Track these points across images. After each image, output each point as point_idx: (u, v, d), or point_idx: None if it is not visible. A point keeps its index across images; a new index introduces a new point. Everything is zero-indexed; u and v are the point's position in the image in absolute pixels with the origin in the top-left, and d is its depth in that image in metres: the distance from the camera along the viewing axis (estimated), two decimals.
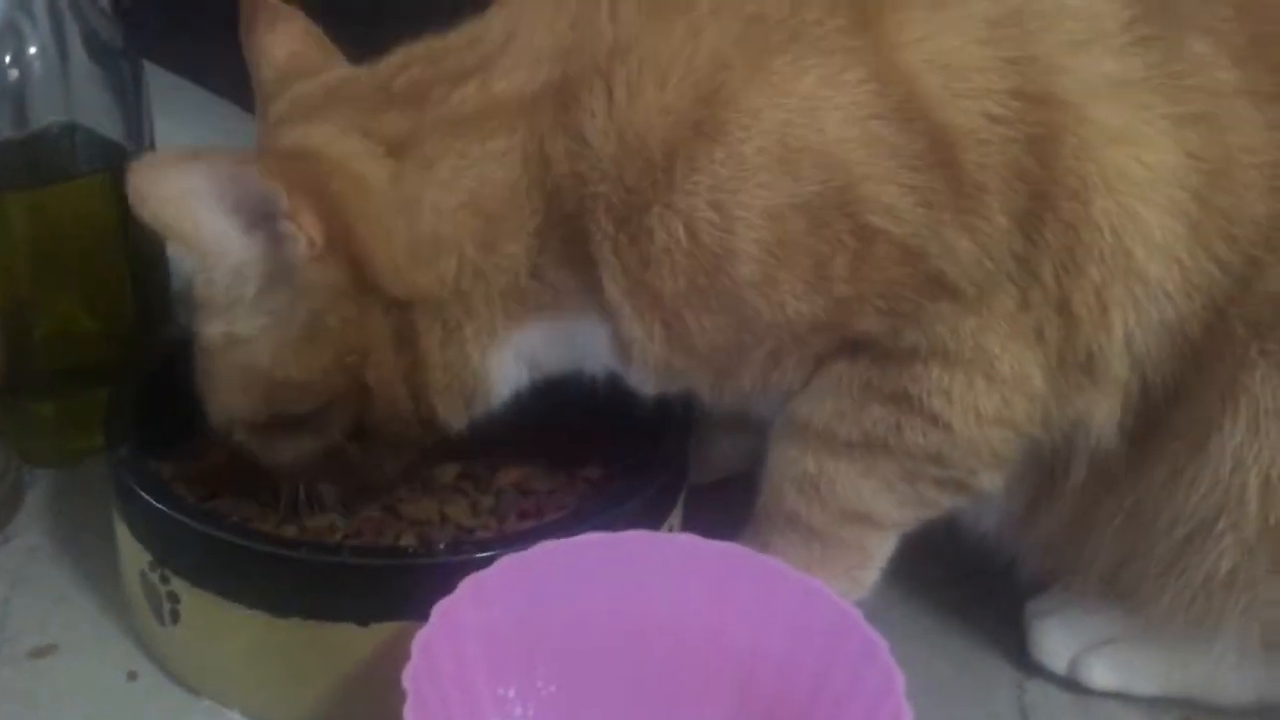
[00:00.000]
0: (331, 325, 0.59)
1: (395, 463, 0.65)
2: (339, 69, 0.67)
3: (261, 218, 0.58)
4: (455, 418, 0.63)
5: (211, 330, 0.61)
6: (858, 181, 0.55)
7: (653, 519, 0.64)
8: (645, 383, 0.62)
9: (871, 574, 0.65)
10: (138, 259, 0.79)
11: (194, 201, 0.57)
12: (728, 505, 0.66)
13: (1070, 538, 0.63)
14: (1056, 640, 0.67)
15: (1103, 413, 0.59)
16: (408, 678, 0.53)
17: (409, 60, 0.63)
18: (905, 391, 0.59)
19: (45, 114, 0.75)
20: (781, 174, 0.55)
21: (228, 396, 0.63)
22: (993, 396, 0.59)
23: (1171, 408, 0.59)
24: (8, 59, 0.73)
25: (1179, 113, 0.56)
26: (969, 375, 0.58)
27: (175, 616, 0.63)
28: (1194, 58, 0.57)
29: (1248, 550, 0.58)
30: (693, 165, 0.56)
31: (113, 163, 0.77)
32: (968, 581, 0.68)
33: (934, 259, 0.56)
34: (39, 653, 0.67)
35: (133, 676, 0.66)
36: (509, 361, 0.62)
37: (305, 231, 0.57)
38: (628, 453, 0.68)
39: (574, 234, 0.58)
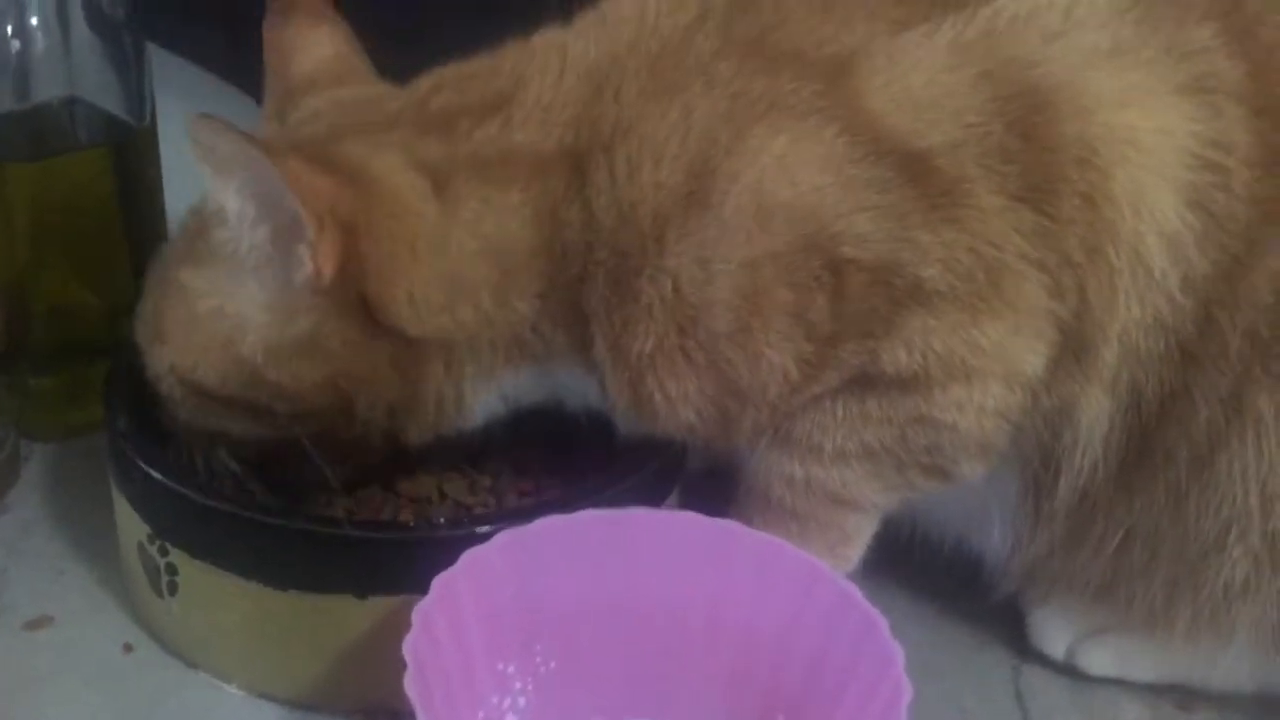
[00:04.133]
0: (332, 348, 0.59)
1: (341, 465, 0.64)
2: (378, 84, 0.67)
3: (287, 225, 0.57)
4: (421, 437, 0.64)
5: (205, 287, 0.60)
6: (830, 221, 0.57)
7: (651, 499, 0.64)
8: (627, 429, 0.64)
9: (854, 550, 0.65)
10: (137, 234, 0.78)
11: (232, 174, 0.56)
12: (720, 491, 0.66)
13: (1061, 560, 0.64)
14: (1054, 627, 0.67)
15: (1091, 406, 0.59)
16: (407, 648, 0.53)
17: (440, 83, 0.64)
18: (918, 413, 0.59)
19: (47, 87, 0.75)
20: (758, 229, 0.57)
21: (193, 354, 0.61)
22: (1003, 395, 0.59)
23: (1164, 425, 0.59)
24: (9, 30, 0.73)
25: (1181, 78, 0.57)
26: (986, 384, 0.58)
27: (173, 588, 0.63)
28: (1194, 38, 0.58)
29: (1254, 558, 0.59)
30: (682, 231, 0.58)
31: (113, 137, 0.77)
32: (964, 568, 0.68)
33: (909, 268, 0.57)
34: (35, 624, 0.66)
35: (129, 649, 0.65)
36: (494, 399, 0.64)
37: (316, 263, 0.57)
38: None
39: (573, 297, 0.60)
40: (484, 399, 0.64)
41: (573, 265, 0.60)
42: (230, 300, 0.60)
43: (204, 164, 0.57)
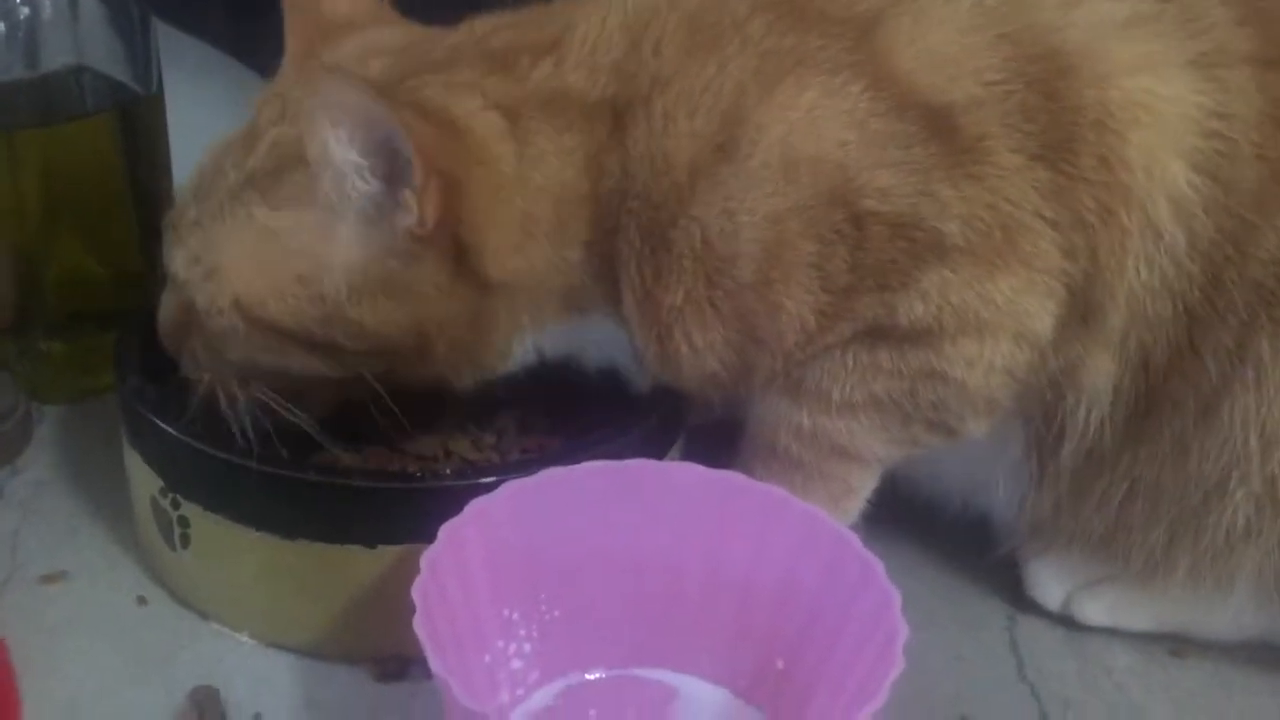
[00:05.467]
0: (421, 290, 0.60)
1: (376, 402, 0.64)
2: (416, 26, 0.67)
3: (388, 169, 0.58)
4: (472, 381, 0.65)
5: (291, 227, 0.59)
6: (854, 175, 0.58)
7: (654, 451, 0.65)
8: (649, 382, 0.65)
9: (855, 503, 0.66)
10: (144, 200, 0.79)
11: (343, 122, 0.56)
12: (723, 444, 0.67)
13: (1066, 516, 0.65)
14: (1051, 579, 0.68)
15: (1096, 369, 0.60)
16: (415, 592, 0.54)
17: (497, 24, 0.64)
18: (928, 367, 0.60)
19: (55, 55, 0.76)
20: (784, 181, 0.59)
21: (265, 290, 0.60)
22: (1012, 353, 0.60)
23: (1169, 379, 0.60)
24: None
25: (1193, 51, 0.58)
26: (997, 340, 0.60)
27: (185, 541, 0.64)
28: (1206, 11, 0.59)
29: (1255, 500, 0.60)
30: (712, 181, 0.60)
31: (120, 104, 0.78)
32: (969, 523, 0.69)
33: (930, 222, 0.58)
34: (50, 579, 0.68)
35: (142, 601, 0.67)
36: (530, 348, 0.65)
37: (422, 210, 0.58)
38: (626, 390, 0.69)
39: (608, 248, 0.62)
40: (525, 349, 0.65)
41: (609, 216, 0.61)
42: (320, 241, 0.59)
43: (316, 112, 0.57)
